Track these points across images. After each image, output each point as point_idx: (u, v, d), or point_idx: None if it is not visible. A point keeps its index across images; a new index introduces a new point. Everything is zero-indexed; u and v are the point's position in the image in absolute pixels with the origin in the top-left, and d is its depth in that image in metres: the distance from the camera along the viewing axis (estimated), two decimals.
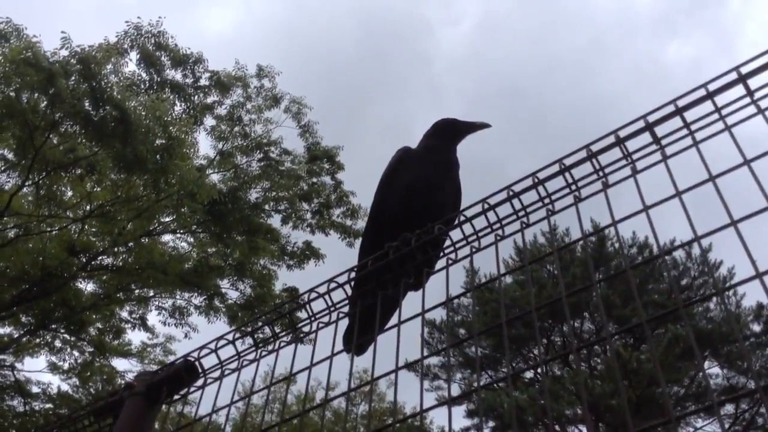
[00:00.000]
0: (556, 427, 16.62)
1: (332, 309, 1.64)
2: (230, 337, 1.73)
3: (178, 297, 13.92)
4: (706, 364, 17.73)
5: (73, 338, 14.22)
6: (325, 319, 1.64)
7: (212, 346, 1.73)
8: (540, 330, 18.36)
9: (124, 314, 14.36)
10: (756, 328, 17.77)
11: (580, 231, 1.30)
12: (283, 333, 1.71)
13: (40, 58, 9.82)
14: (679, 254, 18.72)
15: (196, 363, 1.75)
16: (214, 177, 13.54)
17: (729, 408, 17.82)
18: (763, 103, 1.22)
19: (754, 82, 1.25)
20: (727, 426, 17.64)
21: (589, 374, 15.03)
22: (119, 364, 14.77)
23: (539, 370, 19.31)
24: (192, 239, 13.85)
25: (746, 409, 17.51)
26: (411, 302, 1.58)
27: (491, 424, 17.79)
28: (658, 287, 17.55)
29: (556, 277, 17.56)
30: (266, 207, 13.74)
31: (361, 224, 13.43)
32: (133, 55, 12.26)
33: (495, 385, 18.41)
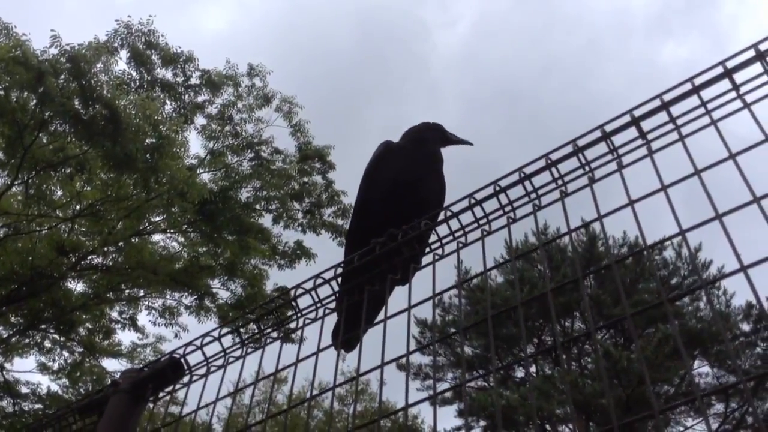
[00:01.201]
0: (547, 427, 16.66)
1: (319, 305, 1.63)
2: (216, 333, 1.72)
3: (168, 297, 13.87)
4: (696, 363, 17.83)
5: (62, 338, 14.15)
6: (312, 315, 1.64)
7: (198, 342, 1.72)
8: (530, 329, 18.39)
9: (114, 314, 14.30)
10: (745, 327, 17.87)
11: (566, 226, 1.30)
12: (270, 329, 1.70)
13: (30, 56, 9.76)
14: (669, 254, 18.83)
15: (182, 360, 1.73)
16: (205, 176, 13.51)
17: (719, 407, 17.92)
18: (749, 98, 1.22)
19: (740, 77, 1.25)
20: (717, 425, 17.74)
21: (579, 373, 15.07)
22: (109, 364, 14.69)
23: (531, 369, 19.36)
24: (182, 239, 13.81)
25: (735, 408, 17.61)
26: (399, 300, 1.57)
27: (482, 423, 17.83)
28: (648, 287, 17.63)
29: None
30: (257, 206, 13.70)
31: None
32: (124, 54, 12.24)
33: (485, 383, 18.43)
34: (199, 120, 13.70)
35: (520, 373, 19.67)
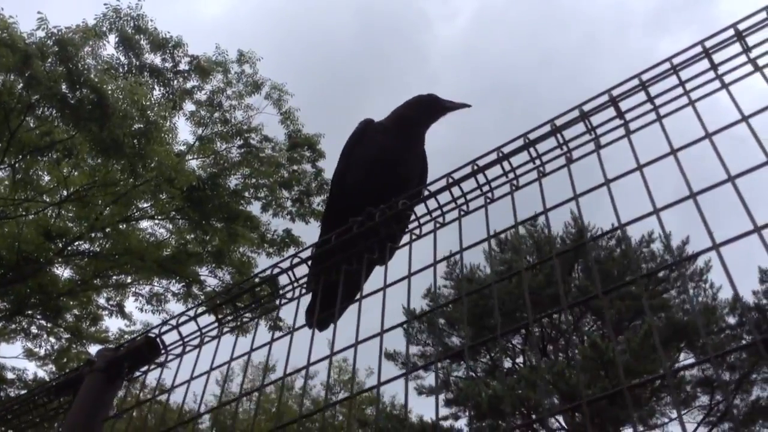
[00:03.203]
0: (533, 416, 16.75)
1: (296, 285, 1.62)
2: (192, 313, 1.70)
3: (155, 284, 13.83)
4: (682, 356, 17.95)
5: (49, 324, 14.10)
6: (289, 295, 1.63)
7: (174, 322, 1.70)
8: (518, 322, 18.44)
9: (101, 301, 14.28)
10: (731, 320, 17.99)
11: (542, 205, 1.28)
12: (246, 309, 1.69)
13: (16, 39, 9.67)
14: (656, 246, 18.91)
15: (158, 339, 1.72)
16: (193, 163, 13.46)
17: (704, 399, 18.09)
18: (727, 78, 1.21)
19: (718, 57, 1.24)
20: (701, 417, 17.92)
21: (566, 364, 15.15)
22: (96, 351, 14.64)
23: (518, 360, 19.46)
24: (170, 226, 13.76)
25: (720, 401, 17.75)
26: (377, 284, 1.56)
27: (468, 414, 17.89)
28: (636, 280, 17.67)
29: (533, 268, 17.66)
30: (246, 194, 13.66)
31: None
32: (112, 38, 12.13)
33: (473, 374, 18.51)
34: (188, 106, 13.65)
35: (507, 363, 19.78)
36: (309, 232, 14.12)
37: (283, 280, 1.64)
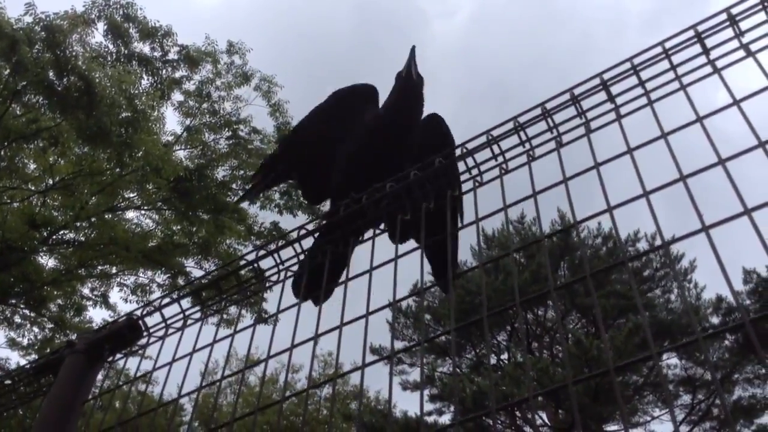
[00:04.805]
0: (517, 413, 16.83)
1: (281, 268, 1.60)
2: (175, 295, 1.68)
3: (141, 275, 13.74)
4: (665, 355, 18.07)
5: (32, 314, 13.97)
6: (274, 278, 1.61)
7: (156, 304, 1.68)
8: (504, 318, 18.53)
9: (86, 291, 14.15)
10: (714, 320, 18.13)
11: (531, 188, 1.27)
12: (231, 291, 1.67)
13: (4, 24, 9.57)
14: (642, 245, 19.01)
15: (140, 321, 1.70)
16: (181, 153, 13.37)
17: (686, 398, 18.22)
18: (720, 63, 1.21)
19: (711, 41, 1.23)
20: (683, 416, 18.05)
21: (550, 361, 15.22)
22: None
23: (503, 356, 19.52)
24: (157, 216, 13.67)
25: (702, 400, 17.90)
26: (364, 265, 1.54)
27: (453, 409, 17.94)
28: (621, 278, 17.82)
29: (521, 265, 17.73)
30: (233, 186, 13.59)
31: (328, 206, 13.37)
32: (100, 26, 12.00)
33: (458, 369, 18.55)
34: (177, 96, 13.55)
35: (492, 359, 19.84)
36: (296, 225, 14.08)
37: (268, 263, 1.62)
